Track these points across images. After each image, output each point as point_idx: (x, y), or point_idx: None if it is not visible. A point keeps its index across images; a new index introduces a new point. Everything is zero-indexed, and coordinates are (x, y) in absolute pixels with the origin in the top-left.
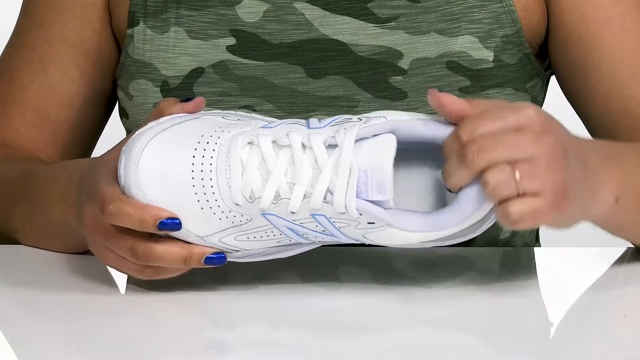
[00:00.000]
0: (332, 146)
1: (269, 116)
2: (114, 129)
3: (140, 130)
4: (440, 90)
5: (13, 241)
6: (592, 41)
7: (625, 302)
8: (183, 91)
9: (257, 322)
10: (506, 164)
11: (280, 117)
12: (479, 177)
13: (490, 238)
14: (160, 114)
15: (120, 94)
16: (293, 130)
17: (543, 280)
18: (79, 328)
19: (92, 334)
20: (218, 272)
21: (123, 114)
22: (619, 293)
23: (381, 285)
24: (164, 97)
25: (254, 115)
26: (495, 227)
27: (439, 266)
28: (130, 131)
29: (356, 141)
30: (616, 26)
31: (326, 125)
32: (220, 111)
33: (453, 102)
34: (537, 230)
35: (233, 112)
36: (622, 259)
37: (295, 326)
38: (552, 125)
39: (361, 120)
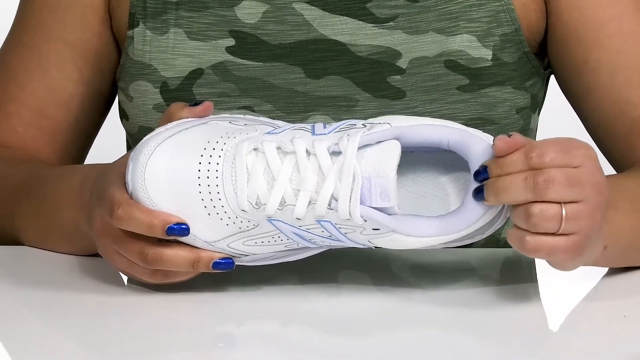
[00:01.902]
0: (336, 153)
1: (268, 117)
2: (114, 130)
3: (148, 136)
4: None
5: (16, 242)
6: (591, 43)
7: (625, 302)
8: (182, 92)
9: (265, 322)
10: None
11: (279, 118)
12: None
13: (491, 237)
14: (169, 119)
15: (120, 95)
16: (297, 136)
17: (543, 280)
18: (87, 326)
19: (101, 332)
20: (223, 273)
21: (123, 116)
22: (619, 293)
23: (381, 289)
24: (163, 98)
25: (261, 119)
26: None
27: (438, 270)
28: (130, 133)
29: (361, 148)
30: (613, 28)
31: (331, 131)
32: (228, 115)
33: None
34: None
35: (241, 116)
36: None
37: (297, 328)
38: (601, 172)
39: (365, 126)
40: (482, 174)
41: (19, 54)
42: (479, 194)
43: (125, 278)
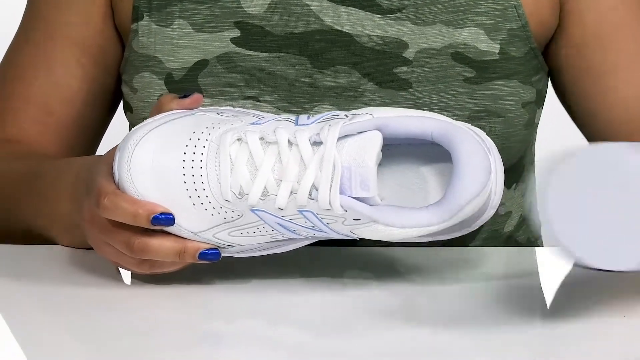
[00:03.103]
0: (317, 143)
1: (274, 106)
2: (120, 126)
3: (135, 127)
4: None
5: (24, 237)
6: (609, 45)
7: (625, 302)
8: (187, 83)
9: (255, 320)
10: None
11: (285, 108)
12: (469, 174)
13: (494, 231)
14: (159, 110)
15: (124, 88)
16: (280, 127)
17: (543, 280)
18: (83, 323)
19: (96, 329)
20: (218, 267)
21: (127, 108)
22: (619, 293)
23: (381, 285)
24: (168, 89)
25: (250, 110)
26: (500, 221)
27: (439, 266)
28: (134, 125)
29: (342, 138)
30: (628, 32)
31: (313, 122)
32: (216, 107)
33: None
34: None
35: (229, 107)
36: None
37: (294, 324)
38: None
39: (347, 117)
40: None
41: (26, 52)
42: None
43: (126, 276)
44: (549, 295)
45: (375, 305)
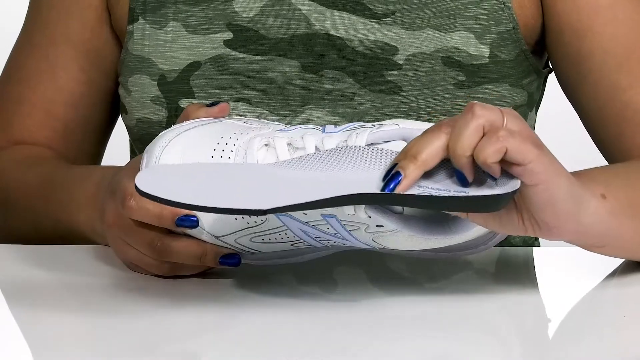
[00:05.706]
0: None
1: (265, 109)
2: (122, 127)
3: (163, 132)
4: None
5: (44, 242)
6: (584, 31)
7: (625, 302)
8: (179, 85)
9: (250, 319)
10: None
11: (275, 110)
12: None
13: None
14: (186, 118)
15: (120, 90)
16: (308, 133)
17: (542, 280)
18: (85, 323)
19: (97, 329)
20: (213, 271)
21: (123, 110)
22: (619, 293)
23: (375, 285)
24: (161, 90)
25: (275, 123)
26: None
27: (434, 266)
28: (129, 126)
29: (368, 146)
30: (607, 15)
31: (341, 130)
32: (243, 117)
33: None
34: None
35: (256, 119)
36: (622, 259)
37: (289, 324)
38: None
39: (374, 126)
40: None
41: (29, 55)
42: (392, 181)
43: (120, 281)
44: (547, 296)
45: (368, 305)
